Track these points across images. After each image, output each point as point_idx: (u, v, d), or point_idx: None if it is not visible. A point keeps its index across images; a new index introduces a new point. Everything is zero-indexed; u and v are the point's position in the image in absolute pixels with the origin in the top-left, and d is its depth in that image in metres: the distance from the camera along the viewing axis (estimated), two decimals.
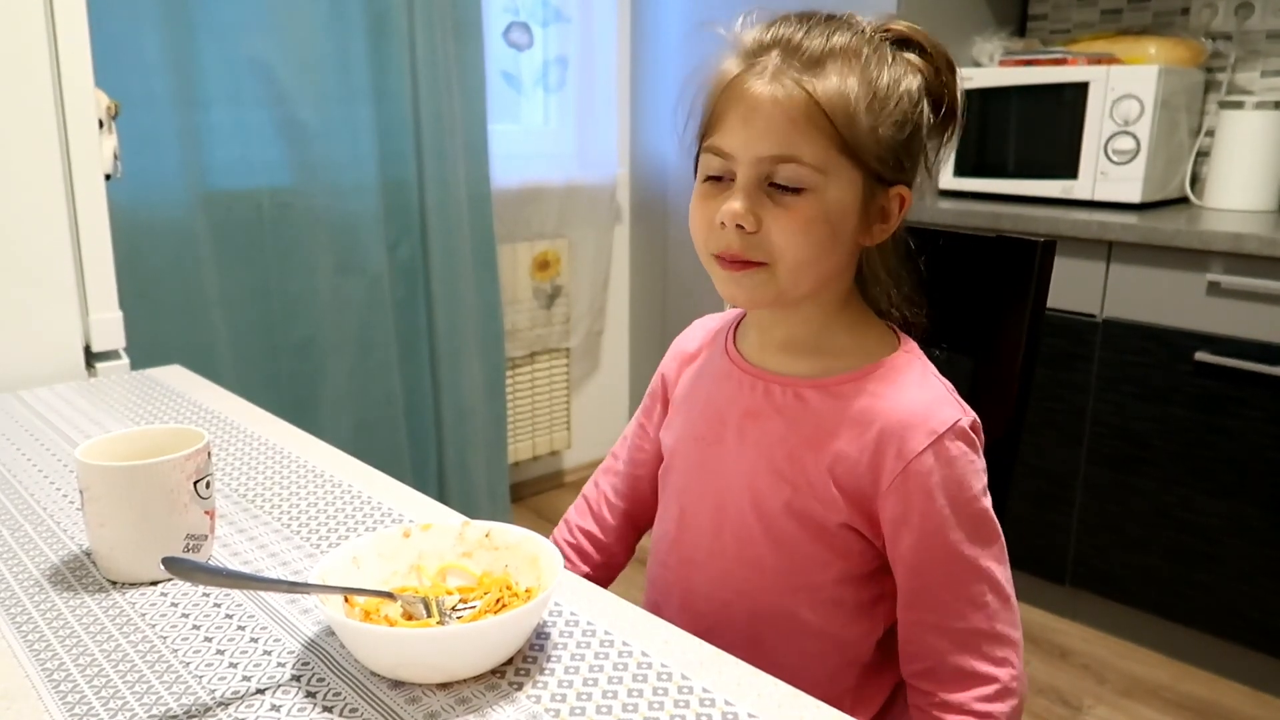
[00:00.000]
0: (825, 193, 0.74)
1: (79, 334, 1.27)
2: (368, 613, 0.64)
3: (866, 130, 0.73)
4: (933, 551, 0.75)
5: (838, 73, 0.73)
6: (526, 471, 2.89)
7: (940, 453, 0.74)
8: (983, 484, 0.77)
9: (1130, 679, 1.99)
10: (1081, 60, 2.16)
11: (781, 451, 0.79)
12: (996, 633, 0.75)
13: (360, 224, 2.19)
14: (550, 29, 2.68)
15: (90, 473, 0.70)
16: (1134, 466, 1.98)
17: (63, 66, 1.20)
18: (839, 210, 0.75)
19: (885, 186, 0.77)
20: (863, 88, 0.73)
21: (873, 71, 0.74)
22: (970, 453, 0.76)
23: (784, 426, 0.80)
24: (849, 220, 0.76)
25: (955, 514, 0.74)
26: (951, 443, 0.74)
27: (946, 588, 0.76)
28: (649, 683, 0.60)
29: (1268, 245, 1.74)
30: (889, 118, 0.74)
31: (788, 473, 0.79)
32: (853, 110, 0.73)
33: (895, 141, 0.75)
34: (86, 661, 0.62)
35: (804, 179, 0.73)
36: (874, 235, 0.78)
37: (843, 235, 0.76)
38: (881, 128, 0.74)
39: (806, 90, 0.72)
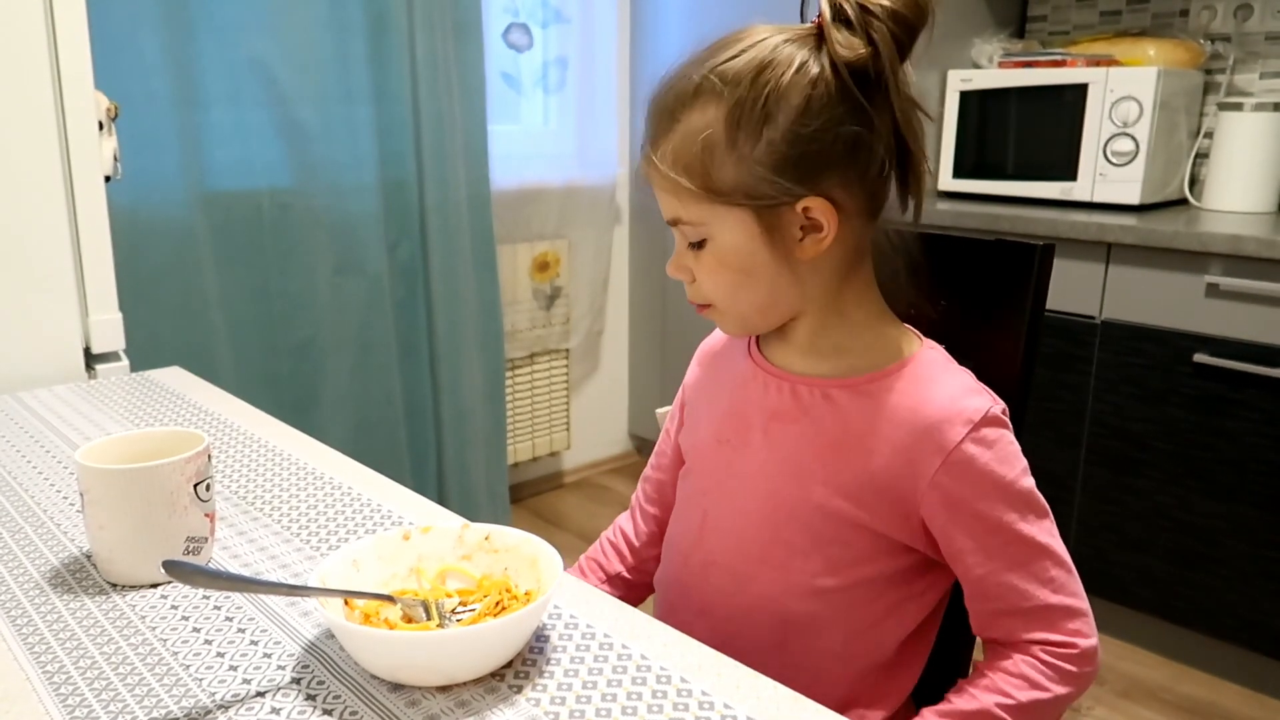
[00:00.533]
0: (718, 240, 0.76)
1: (79, 335, 1.27)
2: (367, 615, 0.64)
3: (729, 170, 0.73)
4: (991, 537, 0.75)
5: (685, 125, 0.74)
6: (526, 472, 2.89)
7: (979, 440, 0.74)
8: (1024, 464, 0.77)
9: (1129, 680, 1.99)
10: (1081, 62, 2.16)
11: (810, 453, 0.79)
12: (1067, 606, 0.77)
13: (360, 224, 2.19)
14: (550, 30, 2.68)
15: (90, 475, 0.71)
16: (1133, 468, 1.98)
17: (62, 68, 1.20)
18: (734, 251, 0.76)
19: (790, 203, 0.73)
20: (718, 121, 0.73)
21: (725, 104, 0.72)
22: (1006, 435, 0.76)
23: (812, 428, 0.79)
24: (755, 255, 0.76)
25: (1005, 497, 0.75)
26: (988, 429, 0.75)
27: (1011, 570, 0.76)
28: (648, 685, 0.60)
29: (1266, 247, 1.74)
30: (750, 144, 0.72)
31: (818, 474, 0.79)
32: (701, 160, 0.73)
33: (772, 161, 0.72)
34: (87, 664, 0.62)
35: (696, 233, 0.77)
36: (810, 248, 0.75)
37: (755, 269, 0.76)
38: (745, 159, 0.72)
39: (656, 161, 0.76)
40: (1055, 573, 0.76)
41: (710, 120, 0.73)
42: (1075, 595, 0.77)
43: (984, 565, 0.76)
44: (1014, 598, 0.76)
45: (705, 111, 0.74)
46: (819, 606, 0.81)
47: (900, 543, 0.79)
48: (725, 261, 0.77)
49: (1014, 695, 0.75)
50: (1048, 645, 0.76)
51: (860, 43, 0.70)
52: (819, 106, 0.71)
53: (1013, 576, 0.76)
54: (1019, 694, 0.75)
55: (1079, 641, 0.76)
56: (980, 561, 0.76)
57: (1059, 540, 0.78)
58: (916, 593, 0.82)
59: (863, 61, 0.70)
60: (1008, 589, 0.76)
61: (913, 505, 0.77)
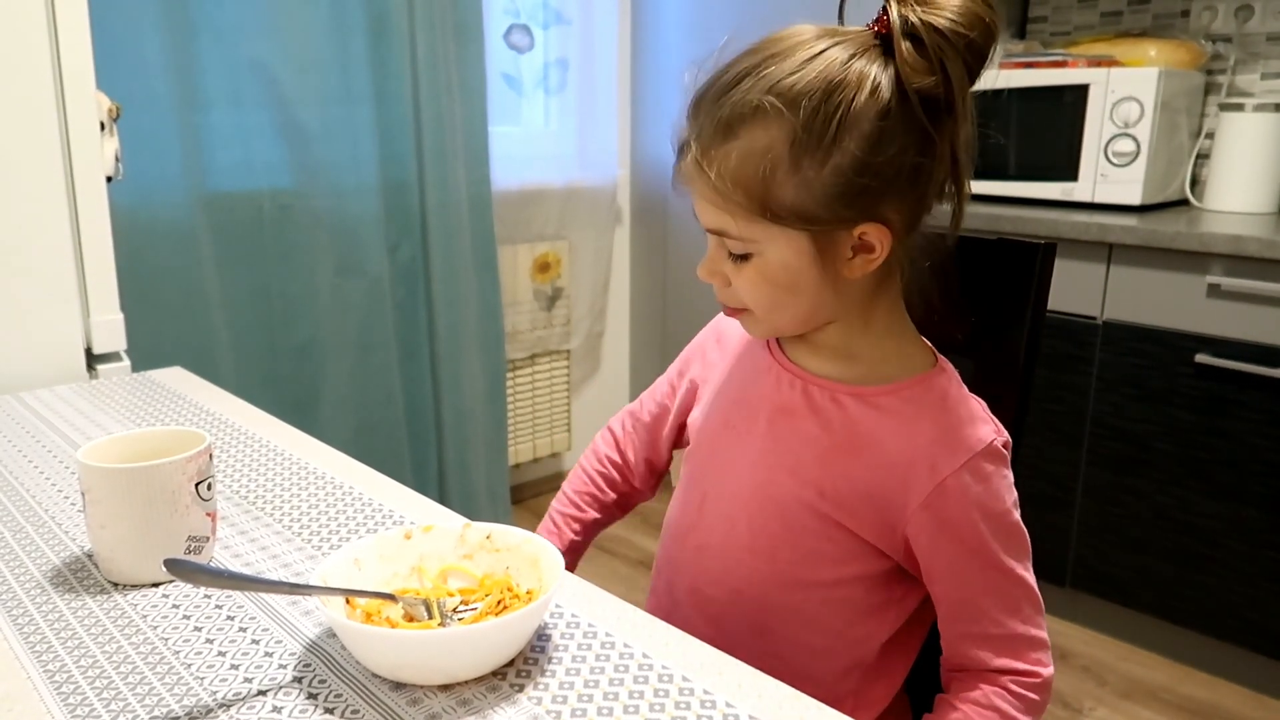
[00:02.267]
0: (767, 256, 0.75)
1: (80, 336, 1.27)
2: (369, 614, 0.64)
3: (789, 192, 0.70)
4: (973, 563, 0.76)
5: (747, 140, 0.70)
6: (527, 473, 2.89)
7: (975, 470, 0.75)
8: (1014, 498, 0.78)
9: (1130, 681, 1.99)
10: (1081, 62, 2.16)
11: (811, 453, 0.79)
12: (1033, 637, 0.78)
13: (361, 226, 2.19)
14: (551, 31, 2.68)
15: (92, 474, 0.71)
16: (1134, 468, 1.98)
17: (64, 69, 1.20)
18: (783, 270, 0.74)
19: (847, 226, 0.72)
20: (781, 142, 0.69)
21: (790, 123, 0.69)
22: (1002, 469, 0.77)
23: (818, 428, 0.80)
24: (804, 273, 0.74)
25: (991, 528, 0.76)
26: (987, 462, 0.76)
27: (988, 596, 0.77)
28: (650, 684, 0.60)
29: (1268, 247, 1.74)
30: (815, 168, 0.69)
31: (814, 474, 0.79)
32: (763, 180, 0.70)
33: (836, 186, 0.70)
34: (88, 663, 0.62)
35: (742, 248, 0.75)
36: (859, 267, 0.74)
37: (804, 286, 0.75)
38: (807, 183, 0.70)
39: (711, 178, 0.72)
40: (1027, 609, 0.78)
41: (772, 140, 0.70)
42: (1041, 629, 0.79)
43: (962, 589, 0.77)
44: (987, 623, 0.77)
45: (768, 130, 0.70)
46: (800, 600, 0.82)
47: (880, 550, 0.80)
48: (772, 278, 0.75)
49: None
50: (1015, 675, 0.78)
51: (933, 72, 0.68)
52: (889, 136, 0.69)
53: (988, 602, 0.77)
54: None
55: (1041, 671, 0.78)
56: (959, 585, 0.77)
57: (1034, 580, 0.79)
58: (896, 598, 0.82)
59: (934, 91, 0.69)
60: (982, 614, 0.77)
61: (900, 522, 0.77)
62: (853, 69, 0.69)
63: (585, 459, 1.06)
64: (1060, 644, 2.11)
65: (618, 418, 1.06)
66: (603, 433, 1.07)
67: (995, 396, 0.87)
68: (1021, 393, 0.89)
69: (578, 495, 1.04)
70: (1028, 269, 0.88)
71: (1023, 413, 0.90)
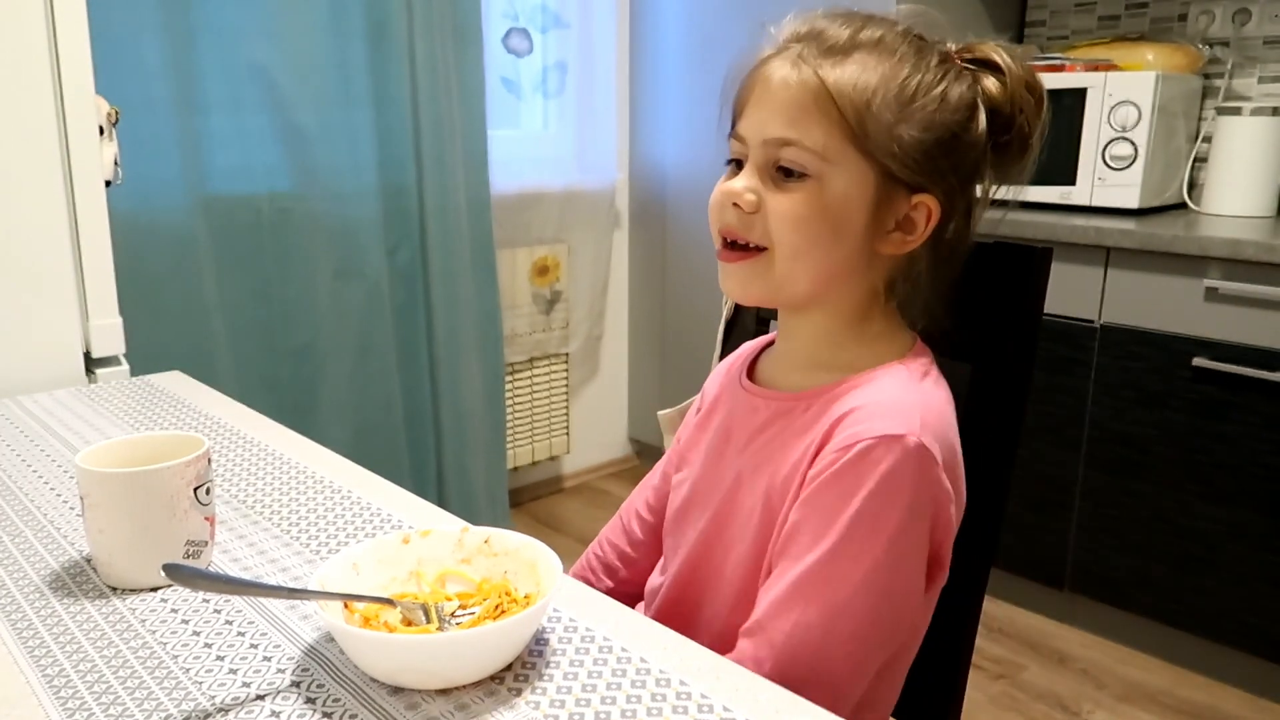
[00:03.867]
0: (828, 182, 0.72)
1: (79, 340, 1.27)
2: (367, 619, 0.64)
3: (884, 125, 0.71)
4: (799, 511, 0.72)
5: (860, 64, 0.71)
6: (526, 477, 2.89)
7: (864, 450, 0.69)
8: (896, 519, 0.68)
9: (1129, 684, 1.99)
10: (1079, 66, 2.17)
11: (752, 466, 0.79)
12: (779, 630, 0.70)
13: (360, 229, 2.19)
14: (549, 35, 2.69)
15: (90, 479, 0.71)
16: (1132, 472, 1.98)
17: (63, 73, 1.20)
18: (842, 202, 0.72)
19: (907, 191, 0.73)
20: (886, 82, 0.71)
21: (904, 69, 0.72)
22: (901, 467, 0.68)
23: (760, 441, 0.79)
24: (855, 216, 0.73)
25: (829, 497, 0.69)
26: (880, 448, 0.68)
27: (779, 550, 0.73)
28: (647, 689, 0.60)
29: (1265, 251, 1.75)
30: (915, 116, 0.71)
31: (755, 488, 0.78)
32: (867, 100, 0.71)
33: (921, 144, 0.72)
34: (87, 667, 0.62)
35: (806, 164, 0.72)
36: (893, 244, 0.75)
37: (847, 232, 0.73)
38: (904, 126, 0.71)
39: (819, 76, 0.71)
40: (811, 607, 0.69)
41: (889, 74, 0.71)
42: (796, 634, 0.69)
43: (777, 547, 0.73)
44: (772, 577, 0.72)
45: (888, 63, 0.71)
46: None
47: None
48: (825, 207, 0.71)
49: None
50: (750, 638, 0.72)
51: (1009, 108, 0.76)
52: (973, 132, 0.74)
53: (780, 559, 0.72)
54: None
55: (745, 658, 0.71)
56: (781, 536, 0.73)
57: (846, 594, 0.69)
58: None
59: (1005, 119, 0.76)
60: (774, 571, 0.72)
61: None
62: (952, 69, 0.75)
63: (590, 547, 1.01)
64: (1059, 647, 2.11)
65: (627, 500, 1.01)
66: (612, 520, 1.00)
67: (993, 400, 0.87)
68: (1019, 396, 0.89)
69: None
70: (1025, 272, 0.88)
71: (1020, 416, 0.90)
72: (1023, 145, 0.77)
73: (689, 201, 2.78)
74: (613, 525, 1.01)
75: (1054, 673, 2.02)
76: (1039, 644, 2.12)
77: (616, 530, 1.00)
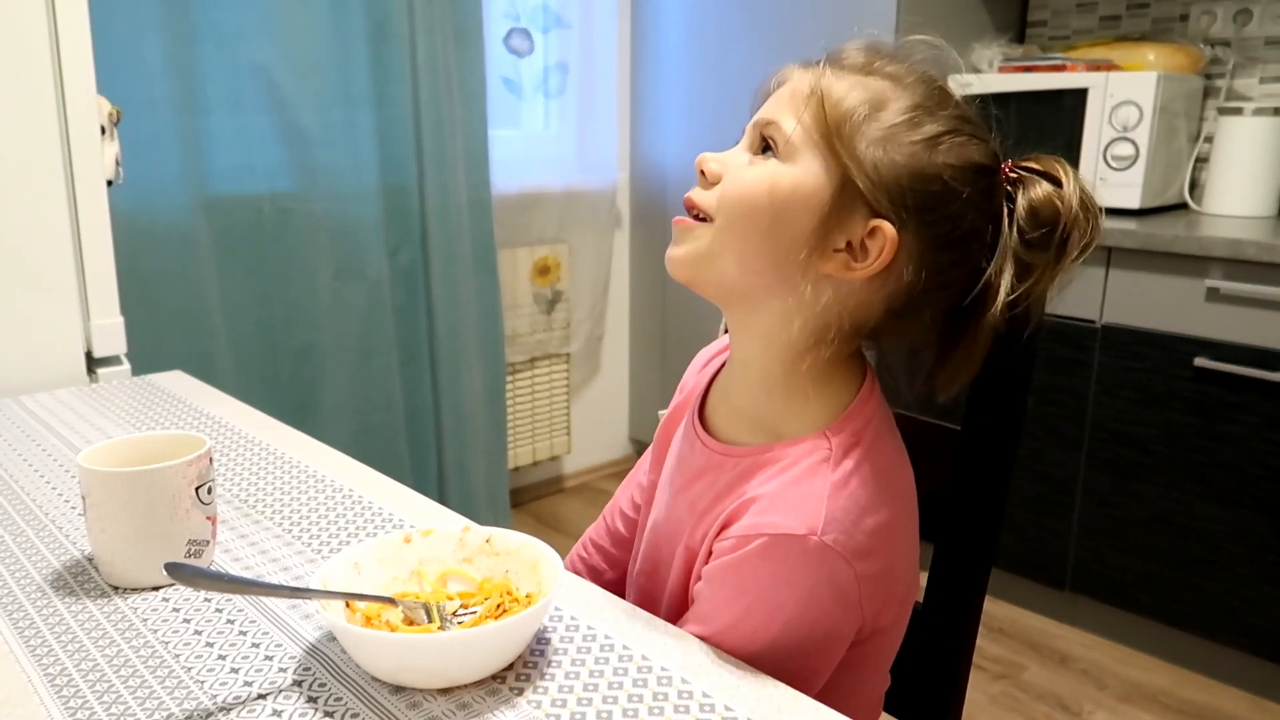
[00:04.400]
0: (788, 165, 0.71)
1: (80, 339, 1.27)
2: (369, 618, 0.64)
3: (861, 134, 0.70)
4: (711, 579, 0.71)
5: (863, 85, 0.72)
6: (526, 477, 2.89)
7: (762, 547, 0.67)
8: (775, 598, 0.67)
9: (1130, 684, 1.99)
10: (1080, 66, 2.17)
11: (683, 510, 0.78)
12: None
13: (361, 229, 2.19)
14: (551, 35, 2.69)
15: (92, 478, 0.71)
16: (1133, 472, 1.98)
17: (65, 73, 1.20)
18: (791, 189, 0.70)
19: (867, 212, 0.69)
20: (880, 105, 0.71)
21: (905, 101, 0.71)
22: (795, 569, 0.67)
23: (696, 488, 0.78)
24: (802, 214, 0.70)
25: (728, 581, 0.69)
26: (778, 547, 0.67)
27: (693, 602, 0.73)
28: (649, 687, 0.60)
29: (1266, 251, 1.75)
30: (899, 144, 0.70)
31: (682, 533, 0.78)
32: (853, 109, 0.70)
33: (894, 166, 0.69)
34: (89, 666, 0.62)
35: (778, 142, 0.72)
36: (837, 264, 0.70)
37: (788, 225, 0.70)
38: (885, 146, 0.70)
39: (821, 81, 0.72)
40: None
41: (890, 102, 0.71)
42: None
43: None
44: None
45: (894, 94, 0.72)
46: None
47: None
48: (776, 187, 0.71)
49: None
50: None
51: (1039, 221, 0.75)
52: (971, 196, 0.72)
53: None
54: None
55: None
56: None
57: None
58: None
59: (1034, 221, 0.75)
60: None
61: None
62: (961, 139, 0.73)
63: (575, 547, 1.01)
64: (1060, 647, 2.11)
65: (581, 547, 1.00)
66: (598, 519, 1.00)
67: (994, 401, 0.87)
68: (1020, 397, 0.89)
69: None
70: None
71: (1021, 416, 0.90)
72: (1058, 250, 0.73)
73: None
74: (597, 526, 0.99)
75: (1055, 673, 2.02)
76: (1040, 644, 2.12)
77: (600, 530, 0.99)
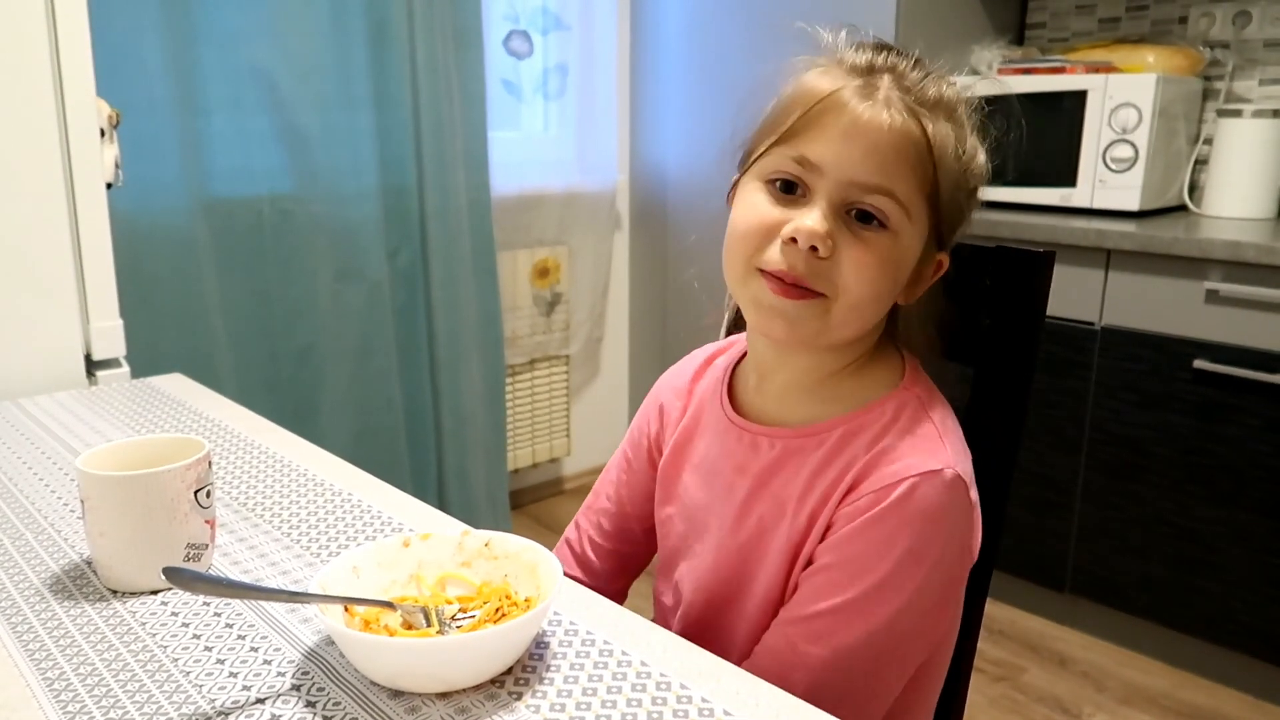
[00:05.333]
0: (902, 235, 0.70)
1: (79, 342, 1.27)
2: (367, 622, 0.64)
3: (950, 186, 0.72)
4: (831, 552, 0.72)
5: (945, 119, 0.72)
6: (526, 479, 2.89)
7: (908, 489, 0.69)
8: (924, 540, 0.69)
9: (1130, 686, 1.98)
10: (1080, 69, 2.17)
11: (770, 508, 0.77)
12: (808, 654, 0.71)
13: (360, 231, 2.19)
14: (550, 37, 2.69)
15: (91, 482, 0.71)
16: (1133, 474, 1.98)
17: (64, 75, 1.20)
18: (908, 257, 0.72)
19: (936, 249, 0.75)
20: (957, 144, 0.72)
21: (965, 132, 0.73)
22: (941, 505, 0.69)
23: (776, 482, 0.77)
24: (904, 274, 0.73)
25: (874, 536, 0.69)
26: (922, 485, 0.69)
27: (810, 577, 0.73)
28: (648, 692, 0.60)
29: (1266, 253, 1.75)
30: (965, 181, 0.73)
31: (777, 529, 0.76)
32: (949, 161, 0.71)
33: (964, 208, 0.74)
34: (87, 670, 0.62)
35: (891, 215, 0.69)
36: (908, 294, 0.76)
37: (897, 286, 0.73)
38: (959, 191, 0.73)
39: (923, 126, 0.69)
40: (829, 638, 0.71)
41: (959, 138, 0.73)
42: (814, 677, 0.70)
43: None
44: (793, 605, 0.74)
45: (953, 128, 0.73)
46: None
47: None
48: (897, 261, 0.70)
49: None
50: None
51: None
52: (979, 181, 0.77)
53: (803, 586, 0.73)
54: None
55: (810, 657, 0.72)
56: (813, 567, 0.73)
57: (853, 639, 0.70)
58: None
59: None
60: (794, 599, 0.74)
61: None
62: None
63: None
64: (1059, 649, 2.11)
65: (570, 527, 0.98)
66: (557, 547, 0.97)
67: (994, 402, 0.87)
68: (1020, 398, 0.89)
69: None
70: (1027, 275, 0.88)
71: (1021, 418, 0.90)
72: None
73: (690, 203, 2.78)
74: (562, 556, 0.96)
75: (1055, 675, 2.02)
76: (1040, 646, 2.12)
77: (570, 561, 0.96)
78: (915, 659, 0.75)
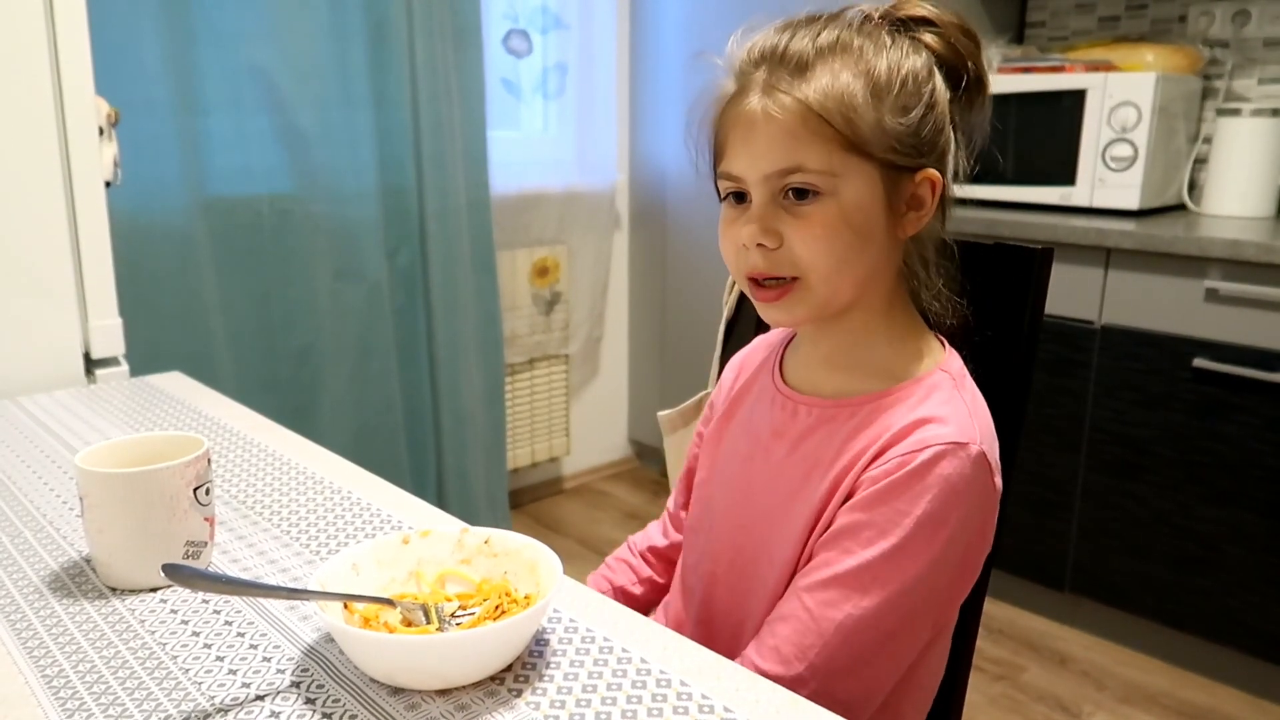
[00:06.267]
0: (840, 195, 0.73)
1: (79, 340, 1.27)
2: (367, 619, 0.64)
3: (870, 123, 0.72)
4: (853, 513, 0.73)
5: (828, 72, 0.73)
6: (525, 478, 2.89)
7: (934, 456, 0.71)
8: (944, 508, 0.71)
9: (1130, 685, 1.98)
10: (1079, 67, 2.17)
11: (799, 472, 0.79)
12: (826, 617, 0.73)
13: (360, 230, 2.19)
14: (549, 36, 2.69)
15: (90, 480, 0.71)
16: (1133, 473, 1.98)
17: (63, 73, 1.20)
18: (858, 209, 0.73)
19: (909, 174, 0.75)
20: (858, 80, 0.72)
21: (868, 61, 0.73)
22: (963, 477, 0.71)
23: (807, 446, 0.79)
24: (875, 217, 0.74)
25: (896, 498, 0.71)
26: (948, 454, 0.71)
27: (828, 546, 0.74)
28: (648, 689, 0.60)
29: (1265, 252, 1.75)
30: (893, 105, 0.73)
31: (803, 493, 0.78)
32: (849, 105, 0.72)
33: (906, 127, 0.74)
34: (86, 668, 0.62)
35: (814, 184, 0.73)
36: (909, 225, 0.77)
37: (871, 233, 0.75)
38: (887, 116, 0.73)
39: (797, 98, 0.72)
40: (843, 603, 0.72)
41: (851, 78, 0.73)
42: (821, 639, 0.72)
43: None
44: (812, 567, 0.75)
45: (846, 68, 0.73)
46: None
47: None
48: (847, 219, 0.73)
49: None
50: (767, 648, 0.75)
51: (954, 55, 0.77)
52: (935, 98, 0.76)
53: (821, 548, 0.75)
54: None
55: (760, 663, 0.74)
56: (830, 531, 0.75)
57: (881, 607, 0.72)
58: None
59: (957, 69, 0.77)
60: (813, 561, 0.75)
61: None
62: (901, 41, 0.76)
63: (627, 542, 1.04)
64: (1059, 648, 2.11)
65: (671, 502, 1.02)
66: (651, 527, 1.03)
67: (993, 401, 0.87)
68: (1019, 397, 0.89)
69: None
70: (1026, 273, 0.88)
71: (1021, 417, 0.90)
72: (979, 86, 0.79)
73: (689, 203, 2.78)
74: (653, 524, 1.02)
75: (1054, 674, 2.02)
76: (1039, 645, 2.12)
77: (656, 528, 1.01)
78: (923, 636, 0.77)
